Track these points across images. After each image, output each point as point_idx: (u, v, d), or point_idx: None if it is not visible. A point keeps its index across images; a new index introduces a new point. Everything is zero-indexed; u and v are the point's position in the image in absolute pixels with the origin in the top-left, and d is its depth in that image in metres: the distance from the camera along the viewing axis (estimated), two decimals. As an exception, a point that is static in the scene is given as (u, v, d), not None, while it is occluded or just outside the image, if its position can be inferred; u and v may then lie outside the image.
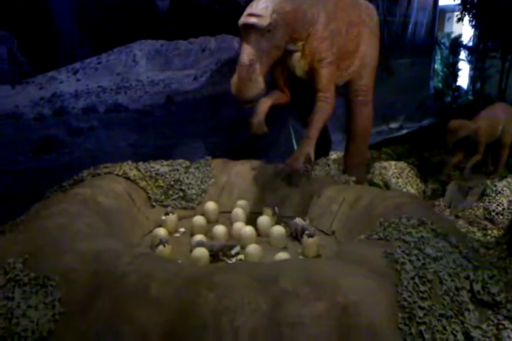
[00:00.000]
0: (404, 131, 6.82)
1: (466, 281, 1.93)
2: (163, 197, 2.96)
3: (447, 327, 1.70)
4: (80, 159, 3.34)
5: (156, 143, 3.71)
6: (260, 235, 2.69)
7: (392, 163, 4.14)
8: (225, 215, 2.98)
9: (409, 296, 1.73)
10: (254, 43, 2.57)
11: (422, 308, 1.71)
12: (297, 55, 2.95)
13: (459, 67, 8.11)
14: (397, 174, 3.96)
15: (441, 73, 8.10)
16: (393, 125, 6.86)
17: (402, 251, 1.92)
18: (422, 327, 1.66)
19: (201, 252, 2.22)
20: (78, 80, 3.28)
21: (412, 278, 1.81)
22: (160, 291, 1.65)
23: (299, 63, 2.99)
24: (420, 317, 1.68)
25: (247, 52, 2.57)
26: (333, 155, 4.59)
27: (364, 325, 1.61)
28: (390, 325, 1.64)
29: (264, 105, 3.05)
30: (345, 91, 3.57)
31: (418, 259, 1.90)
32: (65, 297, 1.74)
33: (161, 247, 2.29)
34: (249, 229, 2.53)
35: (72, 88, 3.26)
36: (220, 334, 1.54)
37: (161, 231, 2.52)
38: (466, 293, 1.89)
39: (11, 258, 1.92)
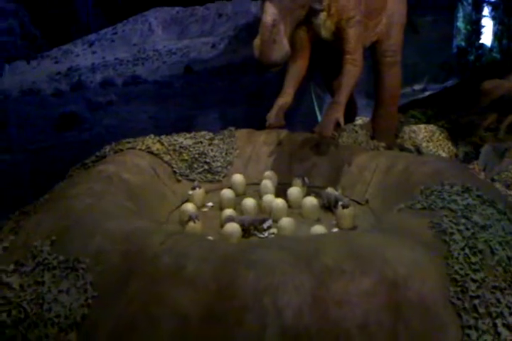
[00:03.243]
0: (428, 93, 6.60)
1: (518, 250, 1.81)
2: (188, 170, 2.86)
3: (501, 300, 1.60)
4: (100, 135, 3.26)
5: (177, 114, 3.61)
6: (291, 207, 2.59)
7: (422, 126, 3.97)
8: (252, 187, 2.88)
9: (461, 268, 1.62)
10: (277, 2, 2.39)
11: (474, 281, 1.60)
12: (323, 15, 2.76)
13: (483, 24, 7.76)
14: (428, 138, 3.79)
15: (464, 31, 7.75)
16: (417, 87, 6.63)
17: (450, 221, 1.80)
18: (476, 301, 1.56)
19: (233, 228, 2.13)
20: (94, 53, 3.16)
21: (462, 249, 1.69)
22: (196, 271, 1.56)
23: (324, 23, 2.81)
24: (473, 291, 1.57)
25: (270, 12, 2.40)
26: (359, 120, 4.42)
27: (415, 300, 1.51)
28: (442, 300, 1.54)
29: (284, 99, 2.93)
30: (372, 52, 3.39)
31: (467, 229, 1.78)
32: (97, 280, 1.67)
33: (191, 223, 2.21)
34: (280, 202, 2.43)
35: (89, 61, 3.15)
36: (262, 315, 1.45)
37: (190, 207, 2.43)
38: (518, 262, 1.78)
39: (37, 241, 1.85)
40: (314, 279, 1.51)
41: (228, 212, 2.38)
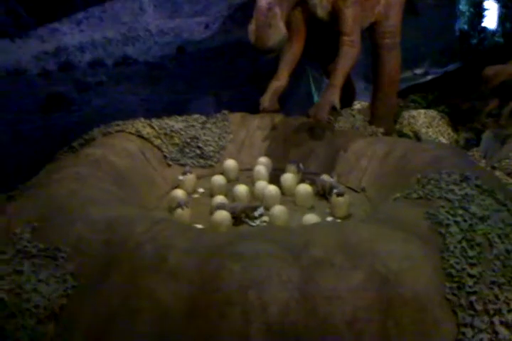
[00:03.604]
0: (429, 77, 6.47)
1: (517, 243, 1.74)
2: (179, 155, 2.78)
3: (499, 296, 1.53)
4: (89, 116, 3.16)
5: (169, 97, 3.50)
6: (285, 194, 2.51)
7: (422, 111, 3.87)
8: (245, 173, 2.79)
9: (457, 263, 1.55)
10: None
11: (471, 276, 1.53)
12: (319, -6, 2.65)
13: (486, 7, 7.58)
14: (428, 123, 3.70)
15: (467, 13, 7.57)
16: (418, 71, 6.50)
17: (446, 212, 1.72)
18: (473, 298, 1.49)
19: (222, 215, 2.06)
20: (82, 31, 3.04)
21: (459, 242, 1.62)
22: (179, 263, 1.49)
23: (321, 3, 2.70)
24: (470, 287, 1.50)
25: None
26: (357, 105, 4.32)
27: (408, 296, 1.44)
28: (437, 296, 1.47)
29: (279, 83, 2.86)
30: (370, 34, 3.28)
31: (464, 220, 1.70)
32: (77, 270, 1.60)
33: (179, 210, 2.13)
34: (273, 189, 2.35)
35: (77, 40, 3.03)
36: (247, 310, 1.38)
37: (179, 193, 2.35)
38: (517, 255, 1.70)
39: (18, 228, 1.78)
40: (302, 273, 1.44)
41: (219, 198, 2.30)
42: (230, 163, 2.73)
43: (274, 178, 2.63)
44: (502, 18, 7.37)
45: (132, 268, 1.53)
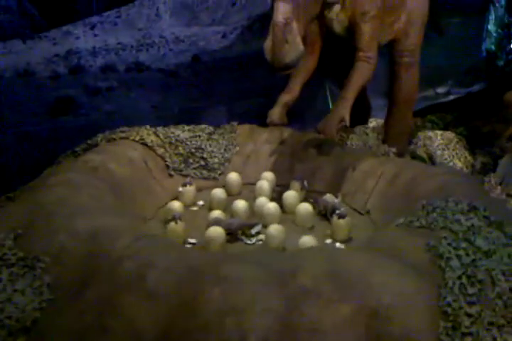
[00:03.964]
0: (451, 97, 6.31)
1: (523, 281, 1.62)
2: (182, 165, 2.71)
3: (498, 339, 1.42)
4: (97, 121, 3.13)
5: (181, 105, 3.45)
6: (286, 212, 2.42)
7: (439, 132, 3.74)
8: (249, 187, 2.71)
9: (455, 300, 1.44)
10: None
11: (469, 315, 1.42)
12: (336, 8, 2.57)
13: (514, 28, 7.42)
14: (444, 145, 3.57)
15: (494, 34, 7.41)
16: (440, 90, 6.35)
17: (449, 244, 1.61)
18: (468, 339, 1.38)
19: (216, 232, 1.98)
20: (96, 36, 3.02)
21: (459, 278, 1.51)
22: (158, 283, 1.42)
23: (338, 17, 2.62)
24: (466, 327, 1.40)
25: (282, 10, 2.18)
26: (373, 122, 4.21)
27: (397, 333, 1.34)
28: (430, 336, 1.37)
29: (289, 96, 2.77)
30: (389, 51, 3.19)
31: (467, 254, 1.59)
32: (55, 282, 1.54)
33: (172, 224, 2.06)
34: (272, 206, 2.27)
35: (90, 44, 3.01)
36: (224, 338, 1.30)
37: (176, 205, 2.29)
38: (522, 295, 1.59)
39: (1, 234, 1.73)
40: (287, 302, 1.36)
41: (216, 213, 2.23)
42: (233, 177, 2.66)
43: (277, 195, 2.55)
44: (531, 41, 7.22)
45: (110, 284, 1.46)
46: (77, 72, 2.97)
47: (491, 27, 7.16)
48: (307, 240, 1.95)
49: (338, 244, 2.13)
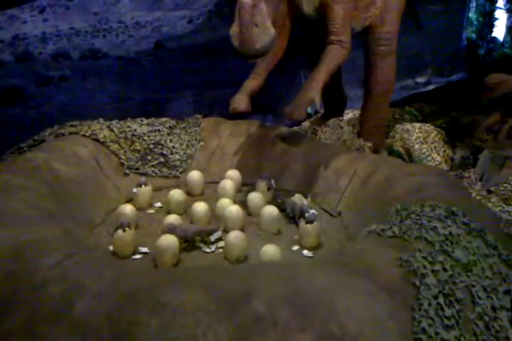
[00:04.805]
0: (431, 87, 6.18)
1: (507, 298, 1.45)
2: (139, 163, 2.49)
3: (479, 369, 1.25)
4: (50, 114, 2.88)
5: (142, 96, 3.22)
6: (251, 215, 2.23)
7: (417, 125, 3.56)
8: (213, 186, 2.50)
9: (430, 325, 1.27)
10: None
11: (446, 343, 1.25)
12: (306, -14, 2.35)
13: (496, 17, 7.28)
14: (422, 139, 3.40)
15: (475, 22, 7.27)
16: (420, 79, 6.21)
17: (424, 257, 1.43)
18: (445, 372, 1.21)
19: (168, 241, 1.77)
20: (46, 20, 2.76)
21: (435, 297, 1.33)
22: (87, 311, 1.21)
23: (307, -3, 2.41)
24: (443, 357, 1.22)
25: None
26: (349, 114, 4.03)
27: (364, 368, 1.16)
28: (401, 369, 1.19)
29: (255, 82, 2.53)
30: (364, 39, 2.99)
31: (444, 269, 1.42)
32: (-30, 309, 1.32)
33: (120, 232, 1.85)
34: (234, 209, 2.06)
35: (39, 30, 2.75)
36: (160, 379, 1.10)
37: (127, 209, 2.07)
38: (505, 314, 1.42)
39: None
40: (237, 333, 1.16)
41: (171, 218, 2.01)
42: (195, 176, 2.45)
43: (243, 195, 2.34)
44: (511, 29, 7.08)
45: (32, 312, 1.25)
46: (25, 59, 2.72)
47: (471, 15, 7.01)
48: (270, 249, 1.75)
49: (305, 252, 1.94)
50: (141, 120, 2.65)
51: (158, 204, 2.33)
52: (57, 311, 1.23)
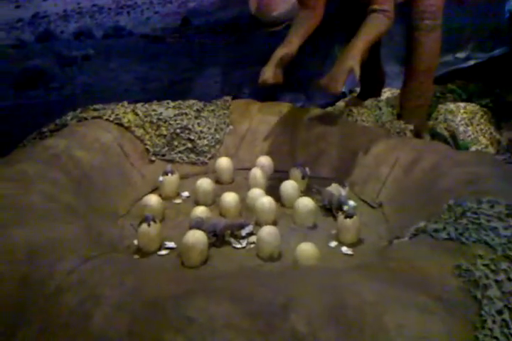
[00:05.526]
0: (472, 62, 5.85)
1: None
2: (165, 149, 2.35)
3: None
4: (73, 95, 2.75)
5: (169, 77, 3.05)
6: (284, 206, 2.07)
7: (461, 105, 3.31)
8: (243, 173, 2.36)
9: (495, 346, 1.10)
10: None
11: (514, 368, 1.08)
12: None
13: (542, -13, 6.82)
14: (467, 120, 3.16)
15: (519, -7, 6.84)
16: (460, 54, 5.87)
17: (485, 265, 1.26)
18: None
19: (195, 238, 1.63)
20: (66, -4, 2.60)
21: (500, 313, 1.16)
22: (106, 324, 1.08)
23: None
24: (511, 385, 1.06)
25: None
26: (387, 92, 3.79)
27: None
28: None
29: (286, 50, 2.27)
30: (407, 13, 2.75)
31: (509, 279, 1.24)
32: (-19, 316, 1.21)
33: (144, 226, 1.72)
34: (266, 201, 1.91)
35: (60, 7, 2.59)
36: None
37: (153, 200, 1.94)
38: None
39: None
40: (273, 354, 1.02)
41: (199, 211, 1.87)
42: (223, 163, 2.29)
43: (274, 184, 2.18)
44: (559, 0, 6.62)
45: (45, 323, 1.13)
46: (46, 39, 2.58)
47: (516, -15, 6.57)
48: (306, 248, 1.60)
49: (344, 249, 1.78)
50: (168, 102, 2.50)
51: (186, 194, 2.19)
52: (73, 322, 1.11)
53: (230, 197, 1.97)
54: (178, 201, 2.14)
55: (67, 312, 1.12)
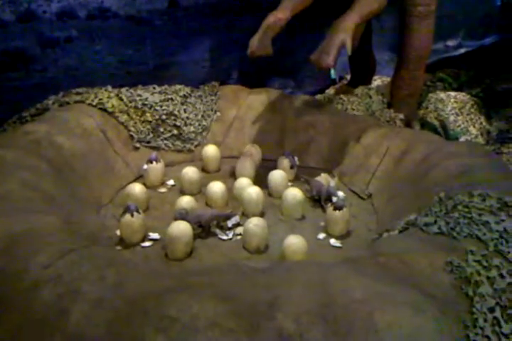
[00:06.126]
0: (462, 50, 5.81)
1: None
2: (150, 135, 2.28)
3: None
4: (55, 78, 2.65)
5: (155, 60, 2.96)
6: (272, 196, 2.03)
7: (452, 94, 3.27)
8: (230, 161, 2.31)
9: (486, 346, 1.08)
10: None
11: (505, 368, 1.06)
12: None
13: (533, -27, 6.76)
14: (458, 110, 3.13)
15: (511, -20, 6.79)
16: (451, 42, 5.83)
17: (477, 261, 1.23)
18: None
19: (180, 230, 1.58)
20: (49, -26, 2.49)
21: (491, 311, 1.14)
22: (84, 321, 1.04)
23: None
24: (502, 386, 1.04)
25: None
26: (377, 80, 3.74)
27: None
28: None
29: (274, 18, 2.11)
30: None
31: (501, 275, 1.21)
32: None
33: (127, 217, 1.66)
34: (254, 191, 1.86)
35: (41, -15, 2.49)
36: None
37: (136, 189, 1.88)
38: None
39: None
40: (258, 354, 0.98)
41: (185, 200, 1.82)
42: (211, 150, 2.24)
43: (263, 173, 2.13)
44: (550, -12, 6.58)
45: (21, 320, 1.08)
46: (27, 19, 2.47)
47: (507, -29, 6.51)
48: (294, 241, 1.55)
49: (332, 241, 1.75)
50: (153, 87, 2.42)
51: (171, 182, 2.14)
52: (49, 319, 1.05)
53: (216, 187, 1.92)
54: (162, 190, 2.09)
55: (43, 309, 1.07)
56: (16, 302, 1.10)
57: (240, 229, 1.77)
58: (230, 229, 1.78)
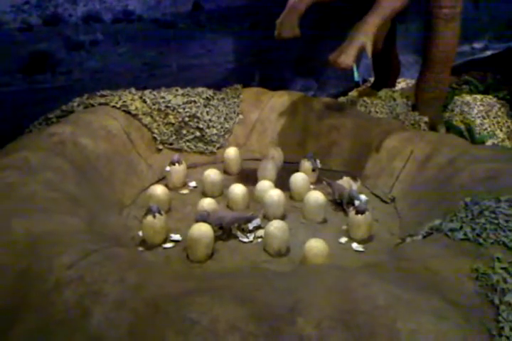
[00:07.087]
0: (489, 52, 5.72)
1: None
2: (173, 137, 2.30)
3: None
4: (80, 81, 2.69)
5: (179, 63, 2.98)
6: (294, 199, 2.02)
7: (478, 97, 3.21)
8: (252, 164, 2.30)
9: (513, 356, 1.05)
10: None
11: (533, 379, 1.03)
12: None
13: None
14: (484, 113, 3.07)
15: (539, -19, 6.65)
16: (477, 45, 5.75)
17: (504, 269, 1.20)
18: None
19: (201, 232, 1.58)
20: (75, -22, 2.53)
21: (519, 320, 1.11)
22: (105, 324, 1.04)
23: None
24: None
25: None
26: (401, 83, 3.70)
27: None
28: None
29: None
30: (426, 1, 2.65)
31: (529, 283, 1.18)
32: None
33: (149, 218, 1.67)
34: (275, 194, 1.85)
35: (68, -11, 2.53)
36: None
37: (158, 190, 1.89)
38: None
39: None
40: (278, 360, 0.97)
41: (206, 202, 1.82)
42: (231, 153, 2.24)
43: (285, 176, 2.12)
44: None
45: (43, 320, 1.09)
46: (53, 23, 2.51)
47: (536, -27, 6.39)
48: (315, 245, 1.54)
49: (355, 245, 1.73)
50: (176, 90, 2.44)
51: (193, 184, 2.14)
52: (71, 320, 1.06)
53: (238, 189, 1.92)
54: (185, 191, 2.09)
55: (65, 309, 1.08)
56: (38, 302, 1.11)
57: (261, 232, 1.76)
58: (251, 231, 1.77)
